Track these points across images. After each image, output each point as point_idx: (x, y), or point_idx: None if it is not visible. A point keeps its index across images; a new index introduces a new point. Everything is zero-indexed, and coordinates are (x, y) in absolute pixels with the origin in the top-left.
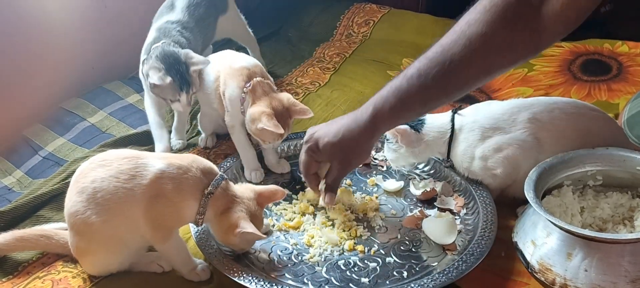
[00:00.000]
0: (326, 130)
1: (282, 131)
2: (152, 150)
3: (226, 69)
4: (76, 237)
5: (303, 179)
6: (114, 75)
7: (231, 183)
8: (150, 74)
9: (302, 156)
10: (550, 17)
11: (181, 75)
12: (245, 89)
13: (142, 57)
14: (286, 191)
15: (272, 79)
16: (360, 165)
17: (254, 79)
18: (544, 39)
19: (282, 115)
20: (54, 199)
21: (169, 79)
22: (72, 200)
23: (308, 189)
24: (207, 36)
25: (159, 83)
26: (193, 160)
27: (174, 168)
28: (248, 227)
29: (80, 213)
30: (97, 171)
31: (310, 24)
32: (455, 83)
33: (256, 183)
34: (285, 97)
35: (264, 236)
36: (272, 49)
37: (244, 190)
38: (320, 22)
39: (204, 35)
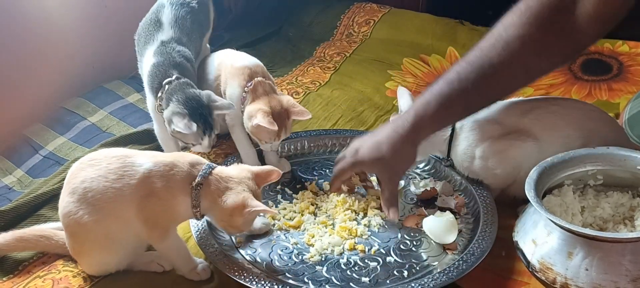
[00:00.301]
0: (370, 145)
1: (276, 128)
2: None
3: (227, 67)
4: (70, 238)
5: (331, 181)
6: (115, 74)
7: (223, 167)
8: (175, 120)
9: (342, 164)
10: (585, 18)
11: (205, 120)
12: (246, 88)
13: (150, 85)
14: (280, 171)
15: (273, 79)
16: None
17: (255, 79)
18: (580, 40)
19: (280, 115)
20: (54, 199)
21: (194, 127)
22: (65, 201)
23: (308, 191)
24: (196, 52)
25: (186, 132)
26: (179, 156)
27: (161, 166)
28: (256, 204)
29: (72, 214)
30: (86, 171)
31: (311, 24)
32: (495, 86)
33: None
34: (286, 98)
35: (274, 210)
36: (272, 48)
37: (240, 170)
38: (321, 22)
39: (195, 51)
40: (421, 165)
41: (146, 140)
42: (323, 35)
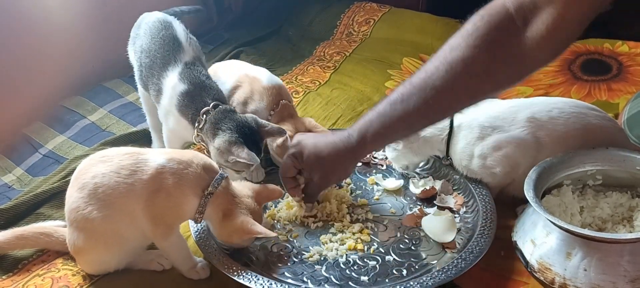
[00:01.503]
0: (313, 142)
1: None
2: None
3: (252, 81)
4: (76, 233)
5: (282, 181)
6: (114, 73)
7: (231, 181)
8: (235, 151)
9: (285, 160)
10: (534, 42)
11: (257, 146)
12: (272, 112)
13: (180, 111)
14: (282, 191)
15: (293, 100)
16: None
17: (282, 102)
18: (528, 64)
19: None
20: (54, 197)
21: (257, 158)
22: (73, 196)
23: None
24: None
25: (251, 162)
26: (194, 156)
27: (174, 163)
28: (259, 229)
29: (81, 209)
30: (97, 167)
31: (311, 23)
32: (437, 109)
33: (257, 182)
34: (308, 120)
35: (273, 234)
36: (272, 47)
37: (242, 188)
38: (321, 21)
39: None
40: (421, 164)
41: (146, 139)
42: (323, 34)
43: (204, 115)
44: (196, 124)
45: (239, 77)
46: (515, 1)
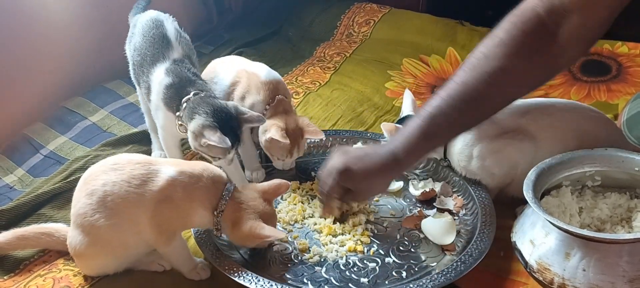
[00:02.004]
0: (356, 159)
1: (287, 141)
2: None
3: (250, 76)
4: (80, 237)
5: (321, 198)
6: (115, 74)
7: (237, 190)
8: (207, 134)
9: (329, 180)
10: (566, 43)
11: (234, 133)
12: (267, 106)
13: (166, 103)
14: (289, 183)
15: (291, 96)
16: None
17: (278, 97)
18: (561, 64)
19: (294, 132)
20: (55, 198)
21: (228, 141)
22: (81, 201)
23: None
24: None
25: (221, 145)
26: (204, 169)
27: (185, 177)
28: (267, 232)
29: (88, 216)
30: (109, 174)
31: (311, 24)
32: (477, 117)
33: (259, 182)
34: (301, 118)
35: (282, 234)
36: (272, 48)
37: (248, 191)
38: (321, 22)
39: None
40: (420, 166)
41: (147, 140)
42: (323, 35)
43: (185, 103)
44: (178, 113)
45: (237, 72)
46: (546, 6)
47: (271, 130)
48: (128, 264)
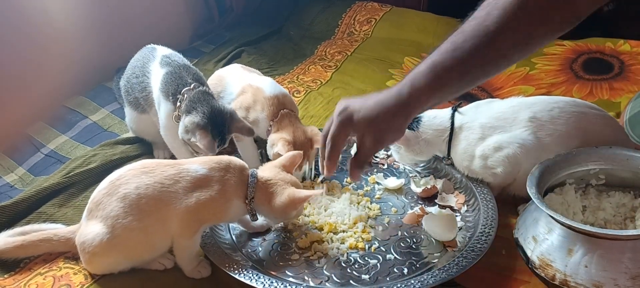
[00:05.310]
0: (361, 104)
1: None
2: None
3: (255, 90)
4: (106, 236)
5: (325, 151)
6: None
7: (259, 171)
8: (198, 135)
9: (333, 128)
10: None
11: (222, 137)
12: (272, 122)
13: (165, 92)
14: (301, 152)
15: (297, 107)
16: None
17: (282, 111)
18: (579, 6)
19: (303, 144)
20: (56, 196)
21: (216, 148)
22: (112, 204)
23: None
24: None
25: (208, 151)
26: (229, 161)
27: (216, 172)
28: (303, 194)
29: (121, 218)
30: (141, 178)
31: (312, 22)
32: (493, 55)
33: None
34: (310, 128)
35: (319, 191)
36: (273, 47)
37: (268, 169)
38: (322, 21)
39: None
40: (422, 164)
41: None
42: (324, 34)
43: (186, 93)
44: (177, 104)
45: (242, 88)
46: None
47: (278, 145)
48: (140, 264)
